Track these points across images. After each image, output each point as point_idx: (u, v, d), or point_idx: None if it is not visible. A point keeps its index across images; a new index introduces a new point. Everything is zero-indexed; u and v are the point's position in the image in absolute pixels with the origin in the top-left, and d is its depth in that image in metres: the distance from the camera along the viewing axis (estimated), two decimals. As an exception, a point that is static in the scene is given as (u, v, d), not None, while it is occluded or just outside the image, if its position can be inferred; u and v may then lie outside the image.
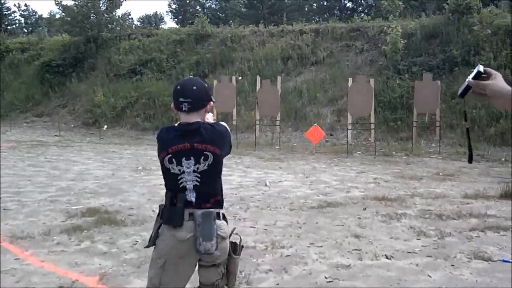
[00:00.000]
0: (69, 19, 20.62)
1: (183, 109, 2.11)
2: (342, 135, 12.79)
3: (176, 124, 2.19)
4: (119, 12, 22.10)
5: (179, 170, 2.10)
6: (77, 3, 20.61)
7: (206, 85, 2.24)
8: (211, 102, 2.22)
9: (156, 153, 2.21)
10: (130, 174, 8.10)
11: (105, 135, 15.44)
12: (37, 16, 74.10)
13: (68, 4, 20.98)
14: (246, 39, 18.13)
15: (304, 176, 7.99)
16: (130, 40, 20.59)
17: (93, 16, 20.78)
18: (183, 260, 2.11)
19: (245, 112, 14.63)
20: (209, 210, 2.09)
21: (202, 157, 2.10)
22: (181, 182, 2.10)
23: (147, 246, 2.20)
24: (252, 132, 12.86)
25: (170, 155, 2.10)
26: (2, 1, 65.17)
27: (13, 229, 4.67)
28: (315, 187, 6.95)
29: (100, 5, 21.10)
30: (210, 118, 2.32)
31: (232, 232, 2.26)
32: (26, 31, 57.10)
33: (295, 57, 16.35)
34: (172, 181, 2.13)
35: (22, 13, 71.18)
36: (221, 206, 2.20)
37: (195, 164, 2.10)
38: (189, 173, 2.10)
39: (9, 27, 62.59)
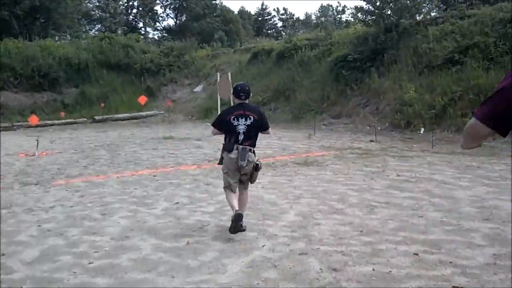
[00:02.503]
0: (366, 7, 18.42)
1: (242, 97, 4.83)
2: None
3: (236, 104, 4.97)
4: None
5: (237, 123, 4.73)
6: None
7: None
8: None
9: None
10: None
11: (425, 139, 12.40)
12: (294, 18, 78.31)
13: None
14: None
15: None
16: (439, 25, 17.14)
17: (391, 2, 18.12)
18: (234, 169, 4.77)
19: None
20: (246, 146, 4.72)
21: (248, 118, 4.75)
22: (237, 129, 4.73)
23: (219, 163, 5.04)
24: None
25: (233, 116, 4.76)
26: (264, 7, 71.20)
27: None
28: None
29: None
30: None
31: (257, 159, 4.87)
32: (284, 34, 60.29)
33: None
34: (231, 129, 4.75)
35: (281, 16, 76.19)
36: (254, 146, 4.83)
37: (245, 121, 4.74)
38: (241, 125, 4.73)
39: (269, 31, 67.56)
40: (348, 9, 61.16)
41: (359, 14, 19.46)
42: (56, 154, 11.64)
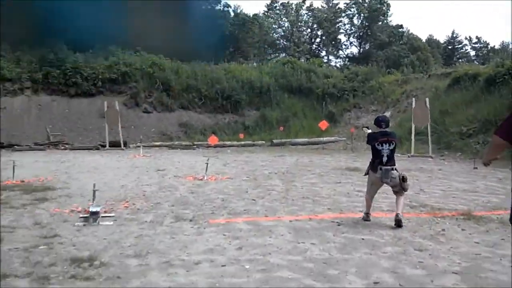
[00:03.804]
0: None
1: (383, 126, 5.93)
2: None
3: (378, 132, 5.93)
4: None
5: (382, 148, 5.79)
6: None
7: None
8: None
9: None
10: None
11: None
12: (488, 47, 69.14)
13: None
14: None
15: None
16: None
17: None
18: (377, 183, 6.00)
19: None
20: (388, 167, 5.80)
21: (391, 143, 5.84)
22: (382, 154, 5.80)
23: (364, 175, 6.40)
24: None
25: (378, 142, 5.81)
26: (454, 35, 64.31)
27: None
28: None
29: None
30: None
31: (400, 173, 5.84)
32: (477, 63, 52.84)
33: None
34: (377, 153, 5.84)
35: (473, 45, 67.92)
36: (394, 165, 5.87)
37: (389, 146, 5.80)
38: (386, 150, 5.80)
39: (460, 60, 60.42)
40: None
41: None
42: (226, 179, 10.25)
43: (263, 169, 12.27)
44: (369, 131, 6.37)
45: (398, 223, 5.73)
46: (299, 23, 54.58)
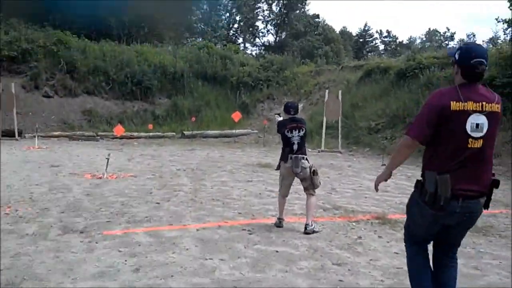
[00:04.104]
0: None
1: (292, 112, 5.63)
2: None
3: (287, 118, 5.67)
4: None
5: (292, 136, 5.52)
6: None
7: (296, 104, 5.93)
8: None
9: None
10: None
11: None
12: (397, 42, 73.30)
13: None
14: None
15: None
16: None
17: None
18: (288, 175, 5.64)
19: None
20: (298, 155, 5.49)
21: (301, 129, 5.56)
22: (292, 142, 5.51)
23: (276, 169, 5.95)
24: None
25: (287, 129, 5.54)
26: (366, 28, 67.26)
27: None
28: None
29: None
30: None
31: (311, 165, 5.59)
32: (384, 57, 55.85)
33: None
34: (287, 141, 5.55)
35: (383, 39, 71.62)
36: (305, 154, 5.60)
37: (298, 133, 5.52)
38: (296, 137, 5.52)
39: (370, 54, 63.42)
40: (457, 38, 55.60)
41: (509, 30, 15.49)
42: (129, 177, 9.36)
43: (171, 165, 11.48)
44: (280, 118, 6.13)
45: (308, 233, 5.51)
46: (218, 6, 53.54)
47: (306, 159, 5.61)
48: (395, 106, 17.11)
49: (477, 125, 2.75)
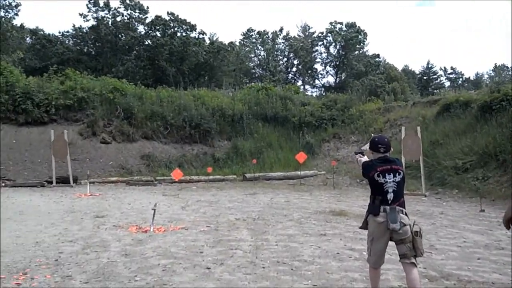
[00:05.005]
0: None
1: (382, 150, 4.07)
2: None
3: (377, 158, 4.10)
4: None
5: (384, 181, 3.95)
6: None
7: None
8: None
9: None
10: None
11: None
12: (463, 78, 69.72)
13: None
14: None
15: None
16: None
17: None
18: (381, 235, 3.96)
19: None
20: (395, 206, 3.91)
21: (397, 173, 4.00)
22: (385, 189, 3.94)
23: (361, 227, 4.23)
24: None
25: (378, 172, 3.97)
26: (429, 65, 64.34)
27: None
28: None
29: None
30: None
31: (414, 223, 3.99)
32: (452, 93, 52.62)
33: None
34: (378, 188, 3.98)
35: (448, 75, 68.20)
36: (404, 207, 3.98)
37: (394, 177, 3.97)
38: (390, 182, 3.95)
39: (435, 91, 60.23)
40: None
41: None
42: (179, 230, 7.93)
43: (229, 214, 9.94)
44: (364, 158, 4.47)
45: None
46: (275, 52, 53.49)
47: (405, 213, 4.04)
48: (484, 142, 14.77)
49: None
